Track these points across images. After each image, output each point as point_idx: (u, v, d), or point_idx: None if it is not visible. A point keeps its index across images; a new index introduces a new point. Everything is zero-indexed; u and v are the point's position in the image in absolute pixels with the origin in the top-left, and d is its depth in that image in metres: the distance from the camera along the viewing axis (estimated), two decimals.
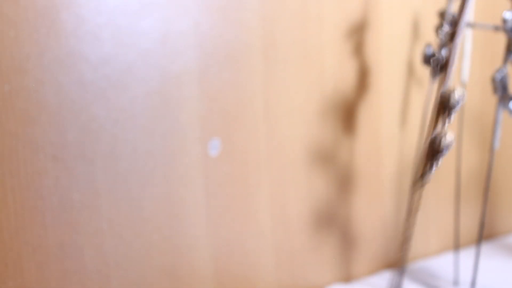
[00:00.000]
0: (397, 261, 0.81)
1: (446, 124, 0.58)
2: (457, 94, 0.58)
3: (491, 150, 0.72)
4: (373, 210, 0.85)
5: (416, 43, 0.83)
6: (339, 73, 0.78)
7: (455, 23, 0.63)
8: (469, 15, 0.77)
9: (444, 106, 0.58)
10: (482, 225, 0.73)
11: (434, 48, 0.76)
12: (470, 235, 0.91)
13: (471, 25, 0.77)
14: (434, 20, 0.80)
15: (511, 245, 0.93)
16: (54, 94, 0.63)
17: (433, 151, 0.57)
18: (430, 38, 0.81)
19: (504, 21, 0.68)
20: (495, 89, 0.69)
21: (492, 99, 0.84)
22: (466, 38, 0.78)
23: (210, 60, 0.70)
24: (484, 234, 0.92)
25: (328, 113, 0.79)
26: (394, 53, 0.82)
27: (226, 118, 0.72)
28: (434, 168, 0.58)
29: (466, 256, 0.85)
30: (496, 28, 0.72)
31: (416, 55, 0.83)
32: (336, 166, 0.80)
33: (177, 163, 0.70)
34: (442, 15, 0.75)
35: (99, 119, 0.65)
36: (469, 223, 0.91)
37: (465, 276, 0.82)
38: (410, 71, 0.84)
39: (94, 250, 0.66)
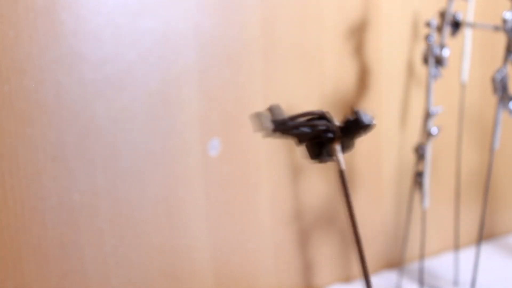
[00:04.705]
0: (399, 260, 0.81)
1: None
2: None
3: (491, 150, 0.72)
4: (373, 210, 0.85)
5: (416, 43, 0.83)
6: (339, 73, 0.78)
7: (455, 23, 0.62)
8: (469, 15, 0.77)
9: None
10: (482, 225, 0.73)
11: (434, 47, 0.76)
12: (470, 235, 0.91)
13: (471, 25, 0.77)
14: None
15: (511, 245, 0.93)
16: (54, 94, 0.63)
17: None
18: None
19: (504, 21, 0.68)
20: (495, 89, 0.69)
21: (492, 99, 0.84)
22: (466, 38, 0.78)
23: (210, 60, 0.70)
24: (484, 234, 0.92)
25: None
26: (394, 53, 0.82)
27: (226, 118, 0.72)
28: None
29: (466, 256, 0.85)
30: (496, 28, 0.72)
31: (416, 55, 0.83)
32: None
33: (177, 163, 0.70)
34: (442, 15, 0.75)
35: (99, 119, 0.65)
36: (469, 223, 0.91)
37: (465, 276, 0.82)
38: (410, 71, 0.84)
39: (94, 250, 0.66)
